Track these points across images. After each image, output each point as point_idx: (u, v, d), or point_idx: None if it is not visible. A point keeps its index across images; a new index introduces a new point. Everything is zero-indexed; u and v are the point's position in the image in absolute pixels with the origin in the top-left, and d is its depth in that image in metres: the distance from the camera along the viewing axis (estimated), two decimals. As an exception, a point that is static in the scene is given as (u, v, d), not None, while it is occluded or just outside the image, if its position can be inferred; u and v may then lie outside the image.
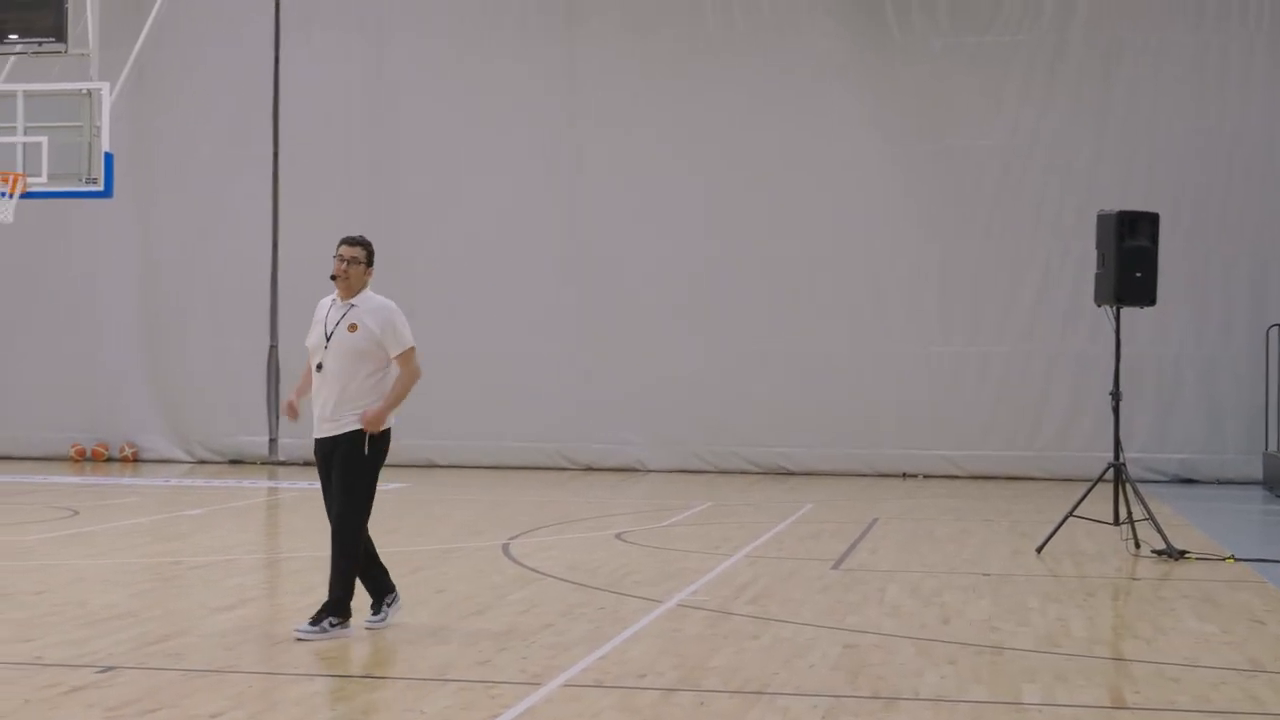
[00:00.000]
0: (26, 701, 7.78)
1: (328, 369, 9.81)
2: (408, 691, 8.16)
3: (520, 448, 24.74)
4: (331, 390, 9.81)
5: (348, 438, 9.81)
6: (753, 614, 10.68)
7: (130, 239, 25.65)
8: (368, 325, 9.84)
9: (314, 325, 10.01)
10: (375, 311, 9.94)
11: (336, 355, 9.80)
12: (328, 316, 9.94)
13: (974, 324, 23.95)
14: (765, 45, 24.39)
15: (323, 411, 9.87)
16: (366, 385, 9.81)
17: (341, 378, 9.79)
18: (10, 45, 18.61)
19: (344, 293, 9.97)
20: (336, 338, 9.83)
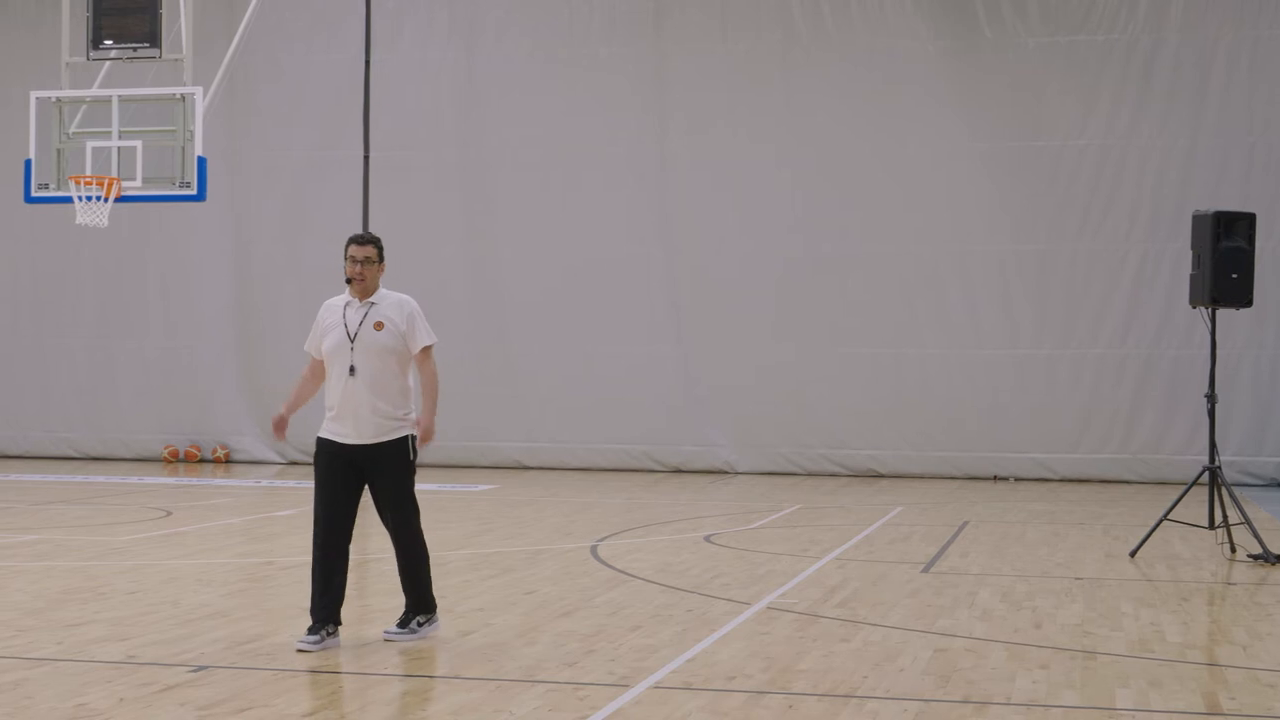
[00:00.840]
0: (121, 700, 7.86)
1: (360, 372, 9.51)
2: (496, 693, 8.17)
3: (609, 450, 24.77)
4: (365, 394, 9.50)
5: (395, 445, 9.58)
6: (842, 617, 10.62)
7: (222, 242, 25.89)
8: (393, 320, 9.62)
9: (328, 330, 9.66)
10: (398, 306, 9.72)
11: (366, 356, 9.52)
12: (346, 318, 9.63)
13: (1067, 326, 23.73)
14: (854, 45, 24.29)
15: (357, 417, 9.53)
16: (399, 386, 9.60)
17: (376, 380, 9.52)
18: (106, 51, 18.80)
19: (360, 293, 9.69)
20: (363, 338, 9.55)
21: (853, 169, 24.21)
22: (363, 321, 9.57)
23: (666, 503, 19.75)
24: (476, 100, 25.30)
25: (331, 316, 9.69)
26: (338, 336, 9.58)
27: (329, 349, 9.60)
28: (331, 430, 9.61)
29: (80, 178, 18.38)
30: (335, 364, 9.57)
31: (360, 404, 9.49)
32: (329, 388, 9.64)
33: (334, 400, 9.57)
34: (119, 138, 18.49)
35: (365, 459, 9.53)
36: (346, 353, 9.52)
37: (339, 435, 9.57)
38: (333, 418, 9.58)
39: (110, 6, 18.78)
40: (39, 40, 22.42)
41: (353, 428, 9.52)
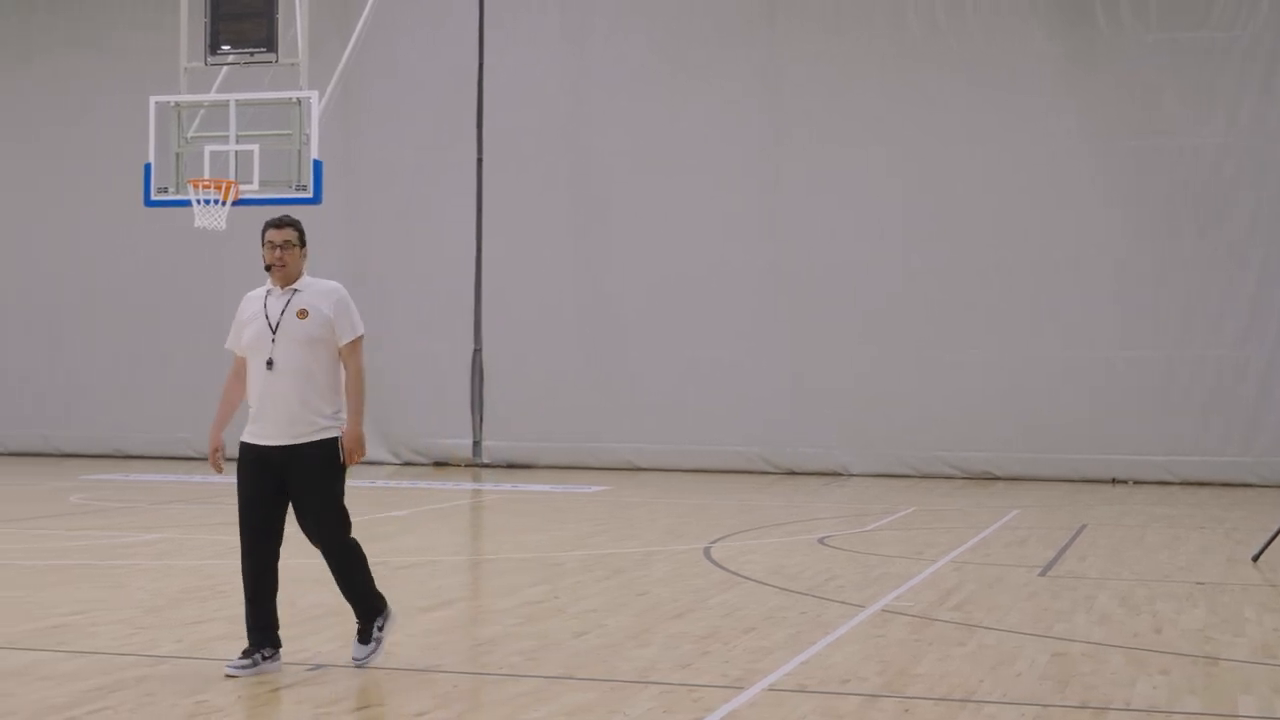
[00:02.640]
0: (240, 698, 7.93)
1: (280, 365, 8.52)
2: (610, 694, 8.16)
3: (722, 451, 24.71)
4: (286, 389, 8.52)
5: (318, 447, 8.57)
6: (958, 620, 10.51)
7: (337, 244, 26.07)
8: (319, 308, 8.66)
9: (248, 323, 8.66)
10: (325, 294, 8.77)
11: (289, 347, 8.53)
12: (267, 308, 8.64)
13: (1186, 326, 23.37)
14: (968, 45, 24.08)
15: (276, 415, 8.53)
16: (327, 381, 8.69)
17: (300, 373, 8.55)
18: (223, 56, 19.04)
19: (282, 280, 8.70)
20: (285, 328, 8.56)
21: (966, 170, 24.00)
22: (284, 310, 8.61)
23: (780, 504, 19.67)
24: (588, 101, 25.35)
25: (251, 308, 8.72)
26: (258, 328, 8.60)
27: (249, 342, 8.63)
28: (251, 432, 8.62)
29: (199, 181, 18.62)
30: (254, 358, 8.59)
31: (280, 400, 8.52)
32: (249, 384, 8.66)
33: (253, 398, 8.62)
34: (236, 141, 18.71)
35: (286, 461, 8.54)
36: (267, 345, 8.56)
37: (259, 437, 8.58)
38: (252, 417, 8.63)
39: (228, 12, 19.02)
40: (158, 46, 22.70)
41: (272, 427, 8.53)
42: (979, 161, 23.98)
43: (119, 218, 25.74)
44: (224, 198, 18.50)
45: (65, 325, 26.96)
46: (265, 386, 8.54)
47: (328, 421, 8.66)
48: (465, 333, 25.78)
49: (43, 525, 16.27)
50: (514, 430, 25.60)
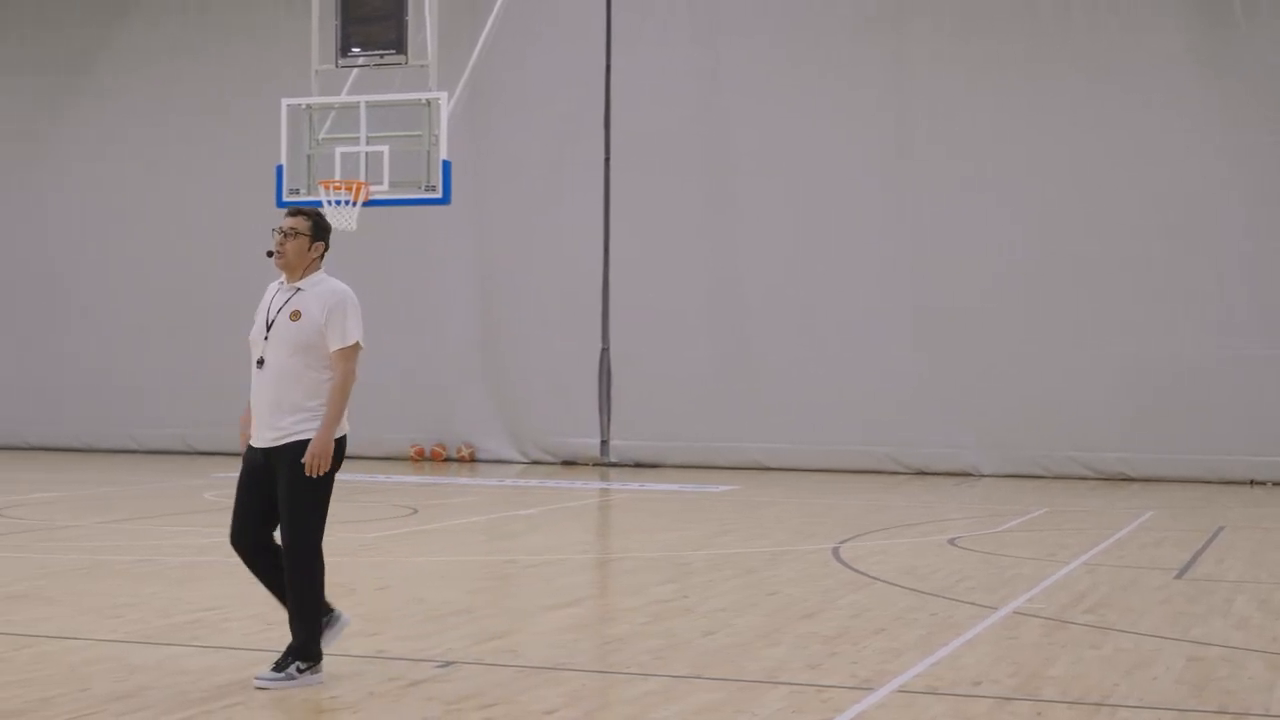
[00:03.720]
0: (370, 694, 7.98)
1: (268, 365, 8.19)
2: (739, 693, 8.12)
3: (851, 451, 24.56)
4: (272, 391, 8.19)
5: (293, 449, 8.12)
6: (1091, 623, 10.36)
7: (467, 244, 26.28)
8: (312, 312, 8.23)
9: (257, 313, 8.40)
10: (323, 296, 8.31)
11: (277, 349, 8.19)
12: (270, 303, 8.36)
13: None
14: (1101, 39, 23.74)
15: (261, 416, 8.22)
16: (310, 382, 8.22)
17: (284, 375, 8.18)
18: (354, 58, 19.21)
19: (286, 274, 8.37)
20: (277, 328, 8.23)
21: (1099, 166, 23.68)
22: (281, 309, 8.28)
23: (909, 505, 19.52)
24: (717, 99, 25.30)
25: (264, 299, 8.43)
26: (258, 323, 8.33)
27: (250, 337, 8.36)
28: (248, 431, 8.37)
29: (330, 182, 18.79)
30: (252, 354, 8.31)
31: (264, 401, 8.20)
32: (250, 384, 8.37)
33: (248, 395, 8.35)
34: (367, 143, 18.87)
35: (270, 462, 8.20)
36: (260, 342, 8.26)
37: (251, 436, 8.31)
38: (248, 418, 8.36)
39: (358, 15, 19.19)
40: (289, 48, 22.98)
41: (258, 426, 8.22)
42: (1113, 157, 23.63)
43: (253, 219, 26.01)
44: (355, 199, 18.66)
45: (203, 326, 27.30)
46: (254, 384, 8.27)
47: (302, 425, 8.16)
48: (593, 332, 25.84)
49: (178, 522, 16.53)
50: (642, 429, 25.62)
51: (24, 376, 28.34)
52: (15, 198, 28.45)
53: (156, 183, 27.65)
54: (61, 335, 28.16)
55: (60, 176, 28.23)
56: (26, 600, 10.94)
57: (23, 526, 15.95)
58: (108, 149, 28.02)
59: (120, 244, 27.84)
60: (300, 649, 8.18)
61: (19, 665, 8.62)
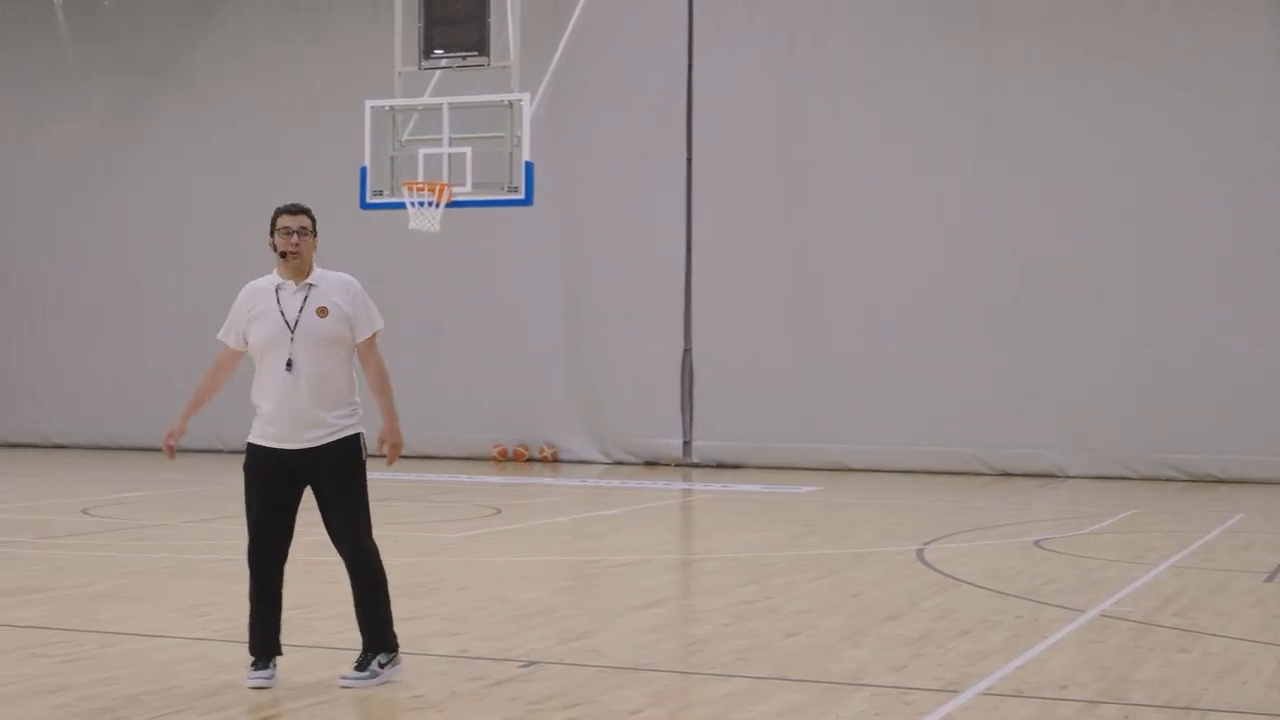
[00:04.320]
0: (454, 693, 8.01)
1: (299, 366, 8.10)
2: (822, 695, 8.09)
3: (935, 452, 24.41)
4: (306, 392, 8.11)
5: (343, 445, 8.18)
6: (1180, 626, 10.24)
7: (549, 245, 26.33)
8: (338, 304, 8.22)
9: (258, 317, 8.21)
10: (341, 288, 8.28)
11: (307, 348, 8.11)
12: (282, 303, 8.19)
13: None
14: (1189, 36, 23.45)
15: (294, 418, 8.12)
16: (345, 378, 8.23)
17: (319, 375, 8.12)
18: (436, 60, 19.28)
19: (296, 272, 8.25)
20: (305, 326, 8.13)
21: (1182, 164, 23.38)
22: (303, 307, 8.19)
23: (994, 507, 19.37)
24: (797, 98, 25.20)
25: (262, 301, 8.23)
26: (274, 325, 8.15)
27: (263, 339, 8.17)
28: (265, 434, 8.23)
29: (413, 184, 18.86)
30: (270, 357, 8.18)
31: (298, 403, 8.12)
32: (260, 385, 8.23)
33: (268, 399, 8.20)
34: (449, 144, 18.93)
35: (307, 464, 8.18)
36: (285, 344, 8.13)
37: (274, 439, 8.20)
38: (267, 419, 8.21)
39: (441, 17, 19.26)
40: (372, 51, 23.07)
41: (290, 429, 8.14)
42: (1197, 157, 23.34)
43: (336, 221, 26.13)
44: (437, 200, 18.73)
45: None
46: (283, 388, 8.13)
47: (347, 420, 8.23)
48: (675, 332, 25.83)
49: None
50: (724, 430, 25.58)
51: (111, 377, 28.66)
52: (103, 198, 28.75)
53: (239, 184, 27.85)
54: (146, 336, 28.44)
55: (145, 177, 28.51)
56: (113, 599, 11.05)
57: (109, 526, 16.13)
58: (192, 150, 28.29)
59: (204, 245, 28.05)
60: (376, 640, 8.23)
61: (106, 663, 8.71)
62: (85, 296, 29.00)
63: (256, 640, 8.19)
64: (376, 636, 8.25)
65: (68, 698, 7.79)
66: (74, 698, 7.80)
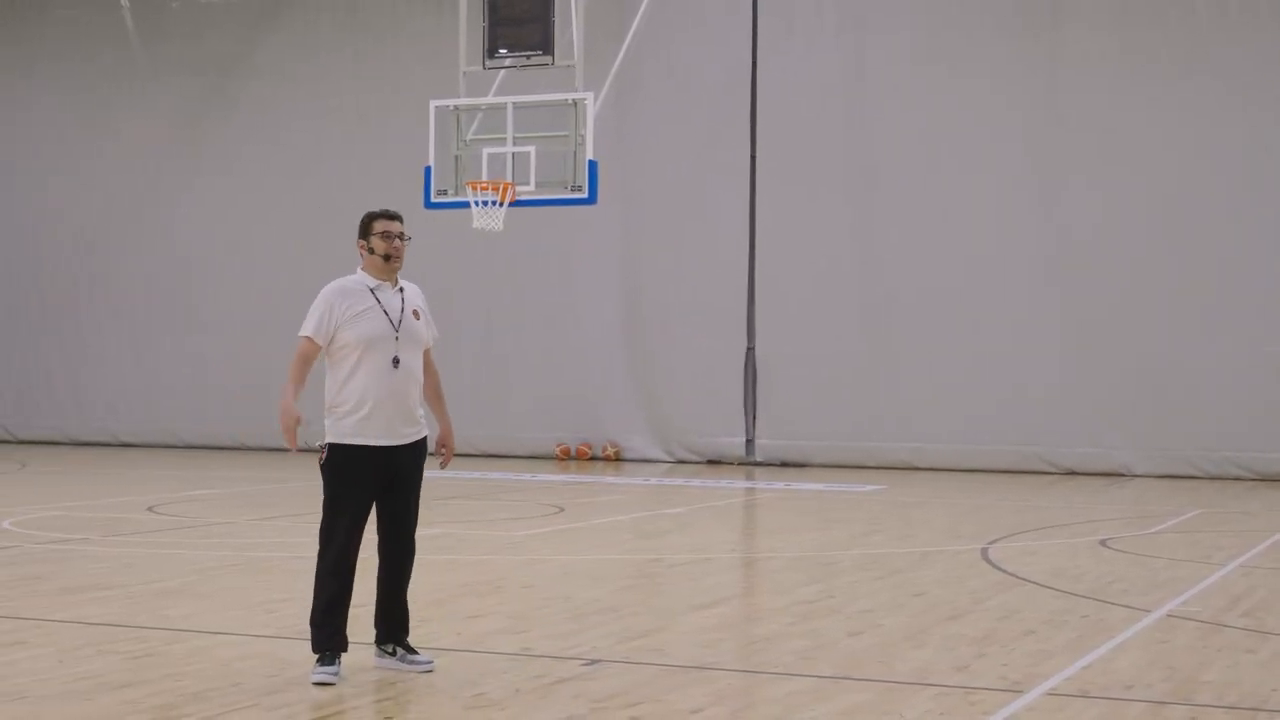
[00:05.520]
0: (517, 691, 8.02)
1: (404, 365, 8.39)
2: (886, 694, 8.06)
3: (1000, 450, 24.28)
4: (408, 390, 8.43)
5: (424, 442, 8.59)
6: (1248, 627, 10.15)
7: (612, 244, 26.35)
8: (422, 309, 8.63)
9: (359, 316, 8.37)
10: (417, 294, 8.68)
11: (408, 348, 8.43)
12: (384, 304, 8.45)
13: None
14: (1260, 35, 23.22)
15: (393, 415, 8.37)
16: (422, 381, 8.62)
17: (415, 374, 8.48)
18: (501, 60, 19.32)
19: (391, 275, 8.56)
20: (407, 327, 8.45)
21: (1252, 162, 23.17)
22: (403, 308, 8.50)
23: (1060, 505, 19.25)
24: (862, 97, 25.13)
25: (361, 301, 8.43)
26: (378, 324, 8.38)
27: (366, 337, 8.35)
28: (361, 433, 8.35)
29: (477, 183, 18.91)
30: (373, 356, 8.35)
31: (401, 400, 8.40)
32: (357, 384, 8.36)
33: (368, 397, 8.34)
34: (513, 144, 18.97)
35: (393, 463, 8.42)
36: (391, 343, 8.38)
37: (371, 437, 8.35)
38: (363, 418, 8.33)
39: (505, 16, 19.30)
40: (436, 51, 23.17)
41: (385, 428, 8.37)
42: (1256, 157, 23.12)
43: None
44: (501, 199, 18.77)
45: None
46: (389, 385, 8.36)
47: (423, 418, 8.60)
48: (739, 330, 25.80)
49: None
50: (788, 428, 25.53)
51: (177, 377, 28.88)
52: (169, 199, 28.97)
53: (304, 185, 28.04)
54: (212, 336, 28.62)
55: (211, 178, 28.72)
56: (180, 596, 11.14)
57: (176, 524, 16.25)
58: (257, 151, 28.48)
59: (268, 245, 28.26)
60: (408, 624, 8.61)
61: (173, 660, 8.78)
62: (153, 296, 29.23)
63: (332, 636, 8.30)
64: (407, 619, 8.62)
65: (135, 694, 7.86)
66: (141, 694, 7.86)
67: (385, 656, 8.52)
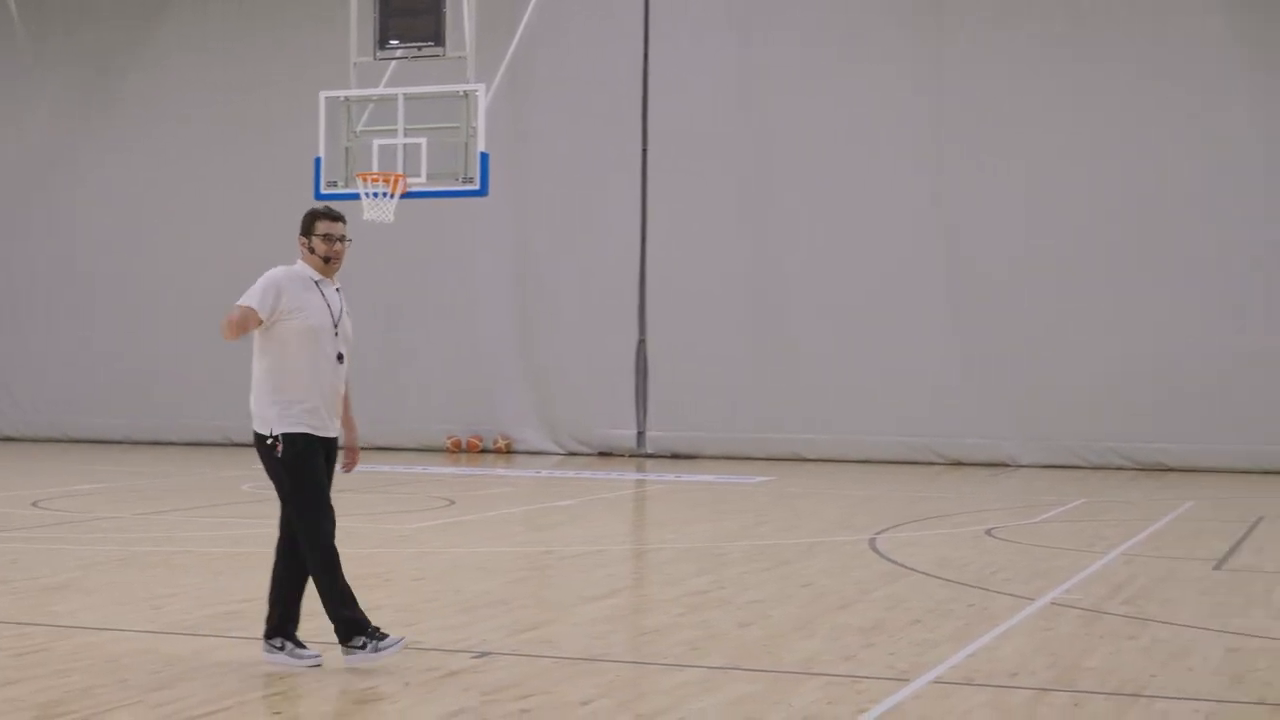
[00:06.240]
0: (407, 684, 8.01)
1: (344, 361, 8.57)
2: (774, 684, 8.13)
3: (889, 442, 24.52)
4: (341, 386, 8.58)
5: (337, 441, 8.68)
6: (1129, 614, 10.33)
7: (505, 236, 26.31)
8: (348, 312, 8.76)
9: (304, 305, 8.44)
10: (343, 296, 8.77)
11: (345, 344, 8.59)
12: (326, 299, 8.57)
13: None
14: (1143, 30, 23.60)
15: (332, 408, 8.50)
16: None
17: (346, 372, 8.64)
18: (392, 51, 19.24)
19: (332, 276, 8.67)
20: (343, 325, 8.60)
21: (1138, 157, 23.53)
22: (341, 307, 8.62)
23: (946, 496, 19.48)
24: (753, 89, 25.26)
25: (305, 290, 8.50)
26: (324, 318, 8.49)
27: (316, 328, 8.44)
28: (311, 424, 8.39)
29: (367, 175, 18.84)
30: (317, 349, 8.43)
31: (337, 396, 8.54)
32: (304, 375, 8.39)
33: (313, 389, 8.40)
34: (404, 135, 18.89)
35: (329, 456, 8.57)
36: (332, 338, 8.50)
37: (320, 429, 8.44)
38: (309, 409, 8.37)
39: (397, 7, 19.23)
40: (327, 41, 23.06)
41: (326, 420, 8.47)
42: (1147, 148, 23.50)
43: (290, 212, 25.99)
44: (392, 191, 18.70)
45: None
46: (331, 381, 8.49)
47: None
48: (630, 323, 25.85)
49: (217, 513, 16.60)
50: (678, 420, 25.63)
51: (62, 370, 28.50)
52: (54, 191, 28.58)
53: (194, 176, 27.77)
54: (99, 328, 28.29)
55: (98, 170, 28.37)
56: (66, 591, 11.02)
57: (63, 518, 16.05)
58: (145, 142, 28.16)
59: (158, 237, 27.97)
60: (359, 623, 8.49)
61: (59, 656, 8.68)
62: (38, 289, 28.83)
63: (354, 617, 8.36)
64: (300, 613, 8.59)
65: (18, 691, 7.77)
66: (25, 691, 7.77)
67: (275, 651, 8.47)
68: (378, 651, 8.31)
